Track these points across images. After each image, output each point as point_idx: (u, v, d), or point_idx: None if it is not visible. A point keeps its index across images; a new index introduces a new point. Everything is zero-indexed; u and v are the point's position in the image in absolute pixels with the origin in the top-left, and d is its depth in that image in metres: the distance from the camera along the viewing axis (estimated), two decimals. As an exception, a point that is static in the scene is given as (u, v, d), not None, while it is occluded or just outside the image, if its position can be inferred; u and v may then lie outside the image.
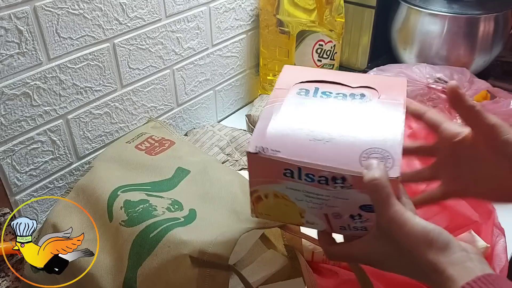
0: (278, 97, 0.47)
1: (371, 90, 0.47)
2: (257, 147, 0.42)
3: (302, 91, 0.48)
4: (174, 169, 0.65)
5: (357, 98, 0.47)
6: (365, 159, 0.41)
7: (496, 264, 0.62)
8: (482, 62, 1.05)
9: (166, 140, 0.74)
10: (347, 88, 0.48)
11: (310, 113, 0.45)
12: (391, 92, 0.47)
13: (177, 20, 0.84)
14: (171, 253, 0.49)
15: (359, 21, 1.11)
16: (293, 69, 0.52)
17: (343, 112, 0.45)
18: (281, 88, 0.48)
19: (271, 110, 0.46)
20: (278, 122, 0.44)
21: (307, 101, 0.47)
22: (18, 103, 0.66)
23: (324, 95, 0.47)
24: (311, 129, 0.43)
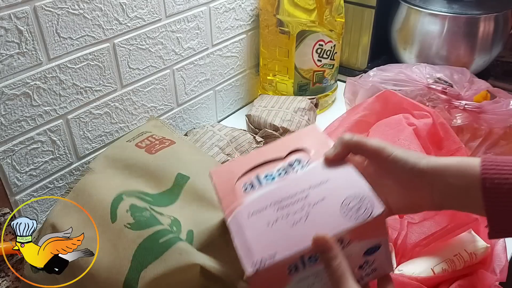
0: (231, 205, 0.47)
1: (301, 153, 0.50)
2: (254, 265, 0.40)
3: (247, 187, 0.48)
4: (174, 175, 0.64)
5: (297, 166, 0.49)
6: (346, 212, 0.42)
7: (496, 264, 0.62)
8: (482, 62, 1.05)
9: (166, 139, 0.74)
10: (280, 161, 0.50)
11: (272, 203, 0.45)
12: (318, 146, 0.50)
13: (177, 20, 0.84)
14: (181, 259, 0.49)
15: (359, 21, 1.11)
16: (220, 171, 0.52)
17: (298, 185, 0.46)
18: (226, 194, 0.48)
19: (237, 221, 0.45)
20: (253, 230, 0.44)
21: (259, 194, 0.47)
22: (18, 103, 0.66)
23: (268, 179, 0.48)
24: (284, 216, 0.44)
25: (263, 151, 0.52)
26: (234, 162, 0.53)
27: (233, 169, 0.51)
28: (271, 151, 0.51)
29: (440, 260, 0.63)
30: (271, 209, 0.45)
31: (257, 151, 0.54)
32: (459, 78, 0.88)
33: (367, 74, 0.93)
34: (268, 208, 0.45)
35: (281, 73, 1.04)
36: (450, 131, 0.76)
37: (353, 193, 0.44)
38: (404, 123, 0.74)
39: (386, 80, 0.89)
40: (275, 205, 0.45)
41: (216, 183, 0.51)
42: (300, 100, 0.97)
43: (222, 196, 0.49)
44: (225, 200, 0.48)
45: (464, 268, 0.63)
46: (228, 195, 0.48)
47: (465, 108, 0.81)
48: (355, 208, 0.43)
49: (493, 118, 0.79)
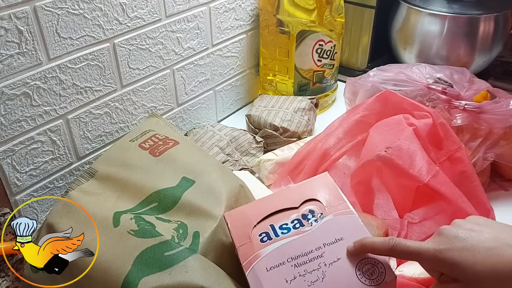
0: (249, 256, 0.49)
1: (314, 203, 0.53)
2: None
3: (263, 237, 0.51)
4: (179, 179, 0.64)
5: (311, 219, 0.51)
6: (361, 275, 0.46)
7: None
8: (482, 62, 1.05)
9: (170, 139, 0.73)
10: (294, 210, 0.53)
11: (289, 259, 0.48)
12: (331, 199, 0.53)
13: (177, 20, 0.84)
14: (187, 277, 0.49)
15: (359, 21, 1.11)
16: (235, 215, 0.54)
17: (313, 241, 0.49)
18: (243, 243, 0.51)
19: (256, 275, 0.47)
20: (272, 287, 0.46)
21: (276, 247, 0.49)
22: (18, 103, 0.66)
23: (284, 230, 0.51)
24: (301, 274, 0.46)
25: (277, 198, 0.55)
26: (248, 207, 0.55)
27: (248, 214, 0.53)
28: (285, 198, 0.54)
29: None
30: (288, 264, 0.47)
31: (271, 197, 0.57)
32: (459, 78, 0.88)
33: (367, 74, 0.93)
34: (285, 263, 0.48)
35: (281, 73, 1.04)
36: (450, 131, 0.76)
37: (366, 256, 0.47)
38: (404, 123, 0.74)
39: (386, 80, 0.89)
40: (292, 261, 0.48)
41: (231, 228, 0.53)
42: (300, 100, 0.97)
43: (238, 243, 0.51)
44: (242, 249, 0.50)
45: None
46: (245, 244, 0.51)
47: (465, 108, 0.81)
48: (369, 272, 0.46)
49: (493, 118, 0.79)
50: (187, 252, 0.52)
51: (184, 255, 0.51)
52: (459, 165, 0.70)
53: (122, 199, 0.62)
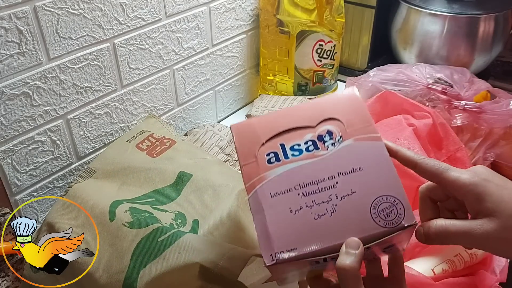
0: (252, 177, 0.43)
1: (334, 123, 0.45)
2: (272, 258, 0.39)
3: (271, 157, 0.44)
4: (176, 173, 0.64)
5: (328, 141, 0.44)
6: (376, 214, 0.39)
7: (496, 264, 0.62)
8: (482, 62, 1.05)
9: (167, 139, 0.74)
10: (310, 129, 0.45)
11: (297, 186, 0.42)
12: (356, 120, 0.44)
13: (177, 20, 0.84)
14: (181, 258, 0.49)
15: (359, 21, 1.11)
16: (242, 129, 0.47)
17: (327, 168, 0.42)
18: (248, 162, 0.44)
19: (258, 199, 0.41)
20: (274, 215, 0.41)
21: (284, 170, 0.43)
22: (18, 103, 0.66)
23: (295, 151, 0.43)
24: (309, 204, 0.41)
25: (292, 113, 0.47)
26: (258, 120, 0.47)
27: (256, 129, 0.46)
28: (300, 114, 0.46)
29: (441, 260, 0.63)
30: (295, 192, 0.41)
31: (284, 112, 0.48)
32: (459, 78, 0.88)
33: (367, 74, 0.93)
34: (292, 190, 0.41)
35: (281, 73, 1.04)
36: (450, 131, 0.76)
37: (386, 194, 0.40)
38: (404, 124, 0.74)
39: (386, 80, 0.89)
40: (301, 188, 0.41)
41: (237, 143, 0.46)
42: (300, 100, 0.97)
43: (243, 161, 0.44)
44: (246, 168, 0.44)
45: (464, 269, 0.63)
46: (250, 163, 0.44)
47: (465, 108, 0.81)
48: (386, 212, 0.39)
49: (493, 118, 0.79)
50: (179, 233, 0.52)
51: (175, 236, 0.52)
52: (459, 165, 0.70)
53: (120, 194, 0.62)
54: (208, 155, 0.78)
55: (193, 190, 0.62)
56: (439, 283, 0.59)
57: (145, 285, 0.49)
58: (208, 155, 0.78)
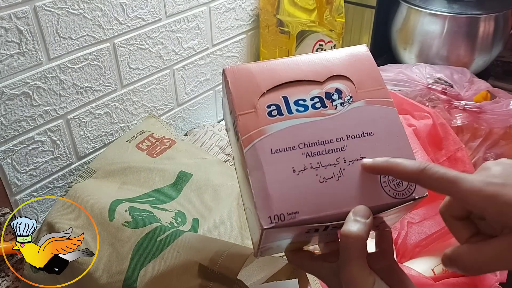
0: (250, 130, 0.38)
1: (344, 82, 0.41)
2: (271, 220, 0.35)
3: (272, 110, 0.39)
4: (176, 173, 0.64)
5: (337, 100, 0.40)
6: (386, 183, 0.36)
7: (496, 264, 0.62)
8: (482, 62, 1.05)
9: (167, 139, 0.74)
10: (317, 85, 0.41)
11: (302, 144, 0.38)
12: (367, 81, 0.41)
13: (177, 20, 0.84)
14: (180, 258, 0.49)
15: (359, 21, 1.11)
16: (238, 73, 0.41)
17: (335, 129, 0.39)
18: (246, 111, 0.39)
19: (256, 155, 0.37)
20: (274, 173, 0.36)
21: (287, 125, 0.39)
22: (18, 103, 0.66)
23: (300, 107, 0.39)
24: (314, 165, 0.37)
25: (296, 64, 0.42)
26: (257, 67, 0.42)
27: (256, 76, 0.41)
28: (307, 66, 0.41)
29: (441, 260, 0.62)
30: (299, 151, 0.37)
31: (288, 62, 0.42)
32: (459, 78, 0.88)
33: (367, 74, 0.93)
34: (296, 149, 0.37)
35: (281, 73, 1.04)
36: (450, 132, 0.76)
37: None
38: (404, 124, 0.74)
39: (386, 80, 0.89)
40: (305, 148, 0.37)
41: (232, 89, 0.40)
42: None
43: (238, 110, 0.39)
44: (242, 119, 0.38)
45: (464, 268, 0.63)
46: (248, 113, 0.39)
47: (465, 108, 0.81)
48: (396, 181, 0.37)
49: (493, 118, 0.79)
50: (178, 232, 0.52)
51: (174, 235, 0.51)
52: (459, 165, 0.70)
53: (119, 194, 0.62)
54: (208, 155, 0.78)
55: (193, 189, 0.62)
56: (439, 283, 0.60)
57: (144, 284, 0.49)
58: (208, 155, 0.78)
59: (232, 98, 0.40)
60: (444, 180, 0.34)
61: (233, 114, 0.40)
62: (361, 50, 0.44)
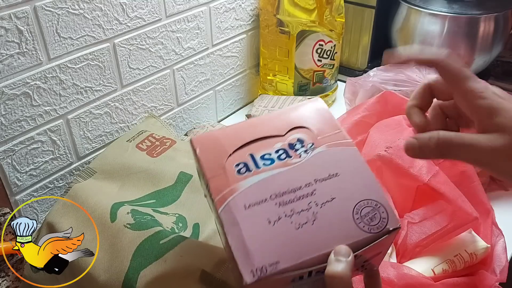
0: (222, 190, 0.39)
1: (304, 131, 0.43)
2: (253, 274, 0.35)
3: (241, 168, 0.41)
4: (176, 174, 0.64)
5: (300, 149, 0.42)
6: (359, 219, 0.38)
7: (496, 264, 0.62)
8: (482, 62, 1.05)
9: (167, 138, 0.74)
10: (279, 138, 0.43)
11: (273, 195, 0.39)
12: (325, 128, 0.44)
13: (177, 20, 0.84)
14: (182, 262, 0.49)
15: (359, 21, 1.11)
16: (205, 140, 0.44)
17: (303, 175, 0.40)
18: (216, 174, 0.40)
19: (231, 213, 0.38)
20: (251, 227, 0.37)
21: (257, 180, 0.40)
22: (18, 103, 0.66)
23: (266, 160, 0.41)
24: (288, 214, 0.38)
25: (257, 123, 0.44)
26: (221, 132, 0.44)
27: (221, 140, 0.43)
28: (267, 124, 0.44)
29: (441, 260, 0.63)
30: (272, 202, 0.38)
31: (249, 122, 0.46)
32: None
33: (367, 74, 0.93)
34: (268, 200, 0.38)
35: (281, 73, 1.04)
36: (450, 131, 0.76)
37: (367, 198, 0.39)
38: (404, 124, 0.74)
39: (386, 80, 0.89)
40: (277, 198, 0.39)
41: (200, 156, 0.42)
42: (300, 100, 0.97)
43: (209, 174, 0.41)
44: (213, 181, 0.40)
45: (464, 269, 0.63)
46: (218, 175, 0.40)
47: (465, 108, 0.81)
48: (369, 216, 0.38)
49: (493, 118, 0.79)
50: (181, 238, 0.52)
51: (177, 240, 0.52)
52: (459, 165, 0.70)
53: (120, 196, 0.62)
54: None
55: (193, 191, 0.62)
56: (439, 283, 0.60)
57: (144, 285, 0.49)
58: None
59: (201, 164, 0.42)
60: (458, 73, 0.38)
61: (204, 178, 0.41)
62: (315, 103, 0.47)
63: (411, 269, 0.59)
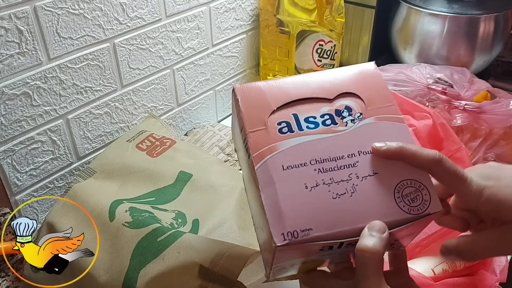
0: (261, 146, 0.38)
1: (353, 99, 0.41)
2: (284, 237, 0.34)
3: (283, 127, 0.39)
4: (176, 173, 0.64)
5: (347, 117, 0.40)
6: (400, 198, 0.36)
7: (496, 265, 0.62)
8: (482, 62, 1.05)
9: (167, 138, 0.74)
10: (326, 102, 0.41)
11: (313, 160, 0.38)
12: (377, 98, 0.41)
13: (177, 20, 0.84)
14: (180, 258, 0.49)
15: (359, 21, 1.11)
16: (248, 91, 0.42)
17: (347, 145, 0.39)
18: (256, 129, 0.39)
19: (268, 171, 0.37)
20: (287, 189, 0.36)
21: (299, 142, 0.38)
22: (18, 103, 0.66)
23: (310, 124, 0.40)
24: (326, 181, 0.36)
25: (305, 82, 0.42)
26: (267, 84, 0.42)
27: (266, 94, 0.41)
28: (316, 84, 0.42)
29: (441, 260, 0.63)
30: (311, 167, 0.37)
31: (298, 79, 0.43)
32: (459, 78, 0.88)
33: (367, 74, 0.93)
34: (308, 165, 0.37)
35: (281, 73, 1.04)
36: (450, 132, 0.76)
37: (411, 177, 0.37)
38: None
39: (386, 80, 0.89)
40: (317, 164, 0.37)
41: (243, 107, 0.40)
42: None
43: (249, 127, 0.39)
44: (254, 136, 0.38)
45: (464, 269, 0.63)
46: (259, 130, 0.39)
47: (465, 108, 0.81)
48: (410, 197, 0.36)
49: (493, 118, 0.79)
50: (178, 233, 0.52)
51: (175, 236, 0.52)
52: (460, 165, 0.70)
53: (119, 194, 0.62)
54: (208, 155, 0.78)
55: (193, 190, 0.62)
56: (439, 283, 0.60)
57: (145, 285, 0.49)
58: (208, 155, 0.78)
59: (242, 115, 0.40)
60: (455, 175, 0.37)
61: (243, 131, 0.40)
62: (369, 68, 0.44)
63: (411, 269, 0.59)
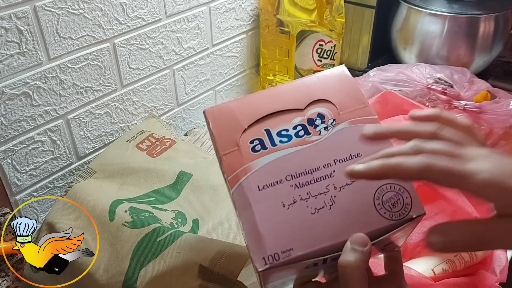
0: (236, 168, 0.37)
1: (325, 105, 0.40)
2: (265, 261, 0.33)
3: (256, 145, 0.38)
4: (176, 173, 0.64)
5: (320, 126, 0.39)
6: (380, 205, 0.35)
7: (496, 264, 0.62)
8: (482, 62, 1.05)
9: (167, 138, 0.74)
10: (298, 112, 0.39)
11: (289, 176, 0.36)
12: (349, 101, 0.40)
13: (177, 20, 0.84)
14: (180, 258, 0.49)
15: (359, 21, 1.11)
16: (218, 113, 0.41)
17: (322, 155, 0.37)
18: (229, 150, 0.38)
19: (244, 194, 0.36)
20: (264, 211, 0.35)
21: (272, 159, 0.37)
22: (18, 103, 0.66)
23: (283, 137, 0.38)
24: (304, 197, 0.35)
25: (275, 94, 0.41)
26: (236, 103, 0.41)
27: (236, 113, 0.40)
28: (286, 96, 0.40)
29: (441, 260, 0.63)
30: (287, 184, 0.36)
31: (267, 93, 0.42)
32: (459, 78, 0.88)
33: (367, 74, 0.93)
34: (284, 181, 0.36)
35: (281, 73, 1.04)
36: (450, 131, 0.76)
37: (390, 182, 0.35)
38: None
39: (386, 80, 0.89)
40: (293, 179, 0.36)
41: (214, 130, 0.39)
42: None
43: (222, 150, 0.38)
44: (227, 158, 0.38)
45: (464, 269, 0.63)
46: (231, 152, 0.38)
47: (465, 108, 0.81)
48: (391, 202, 0.35)
49: (493, 118, 0.79)
50: (178, 233, 0.52)
51: (175, 236, 0.52)
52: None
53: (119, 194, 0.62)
54: (208, 155, 0.78)
55: (193, 189, 0.62)
56: (439, 283, 0.59)
57: (145, 285, 0.49)
58: (208, 155, 0.78)
59: (214, 138, 0.39)
60: (452, 175, 0.32)
61: (217, 155, 0.39)
62: (339, 71, 0.43)
63: (411, 269, 0.59)
